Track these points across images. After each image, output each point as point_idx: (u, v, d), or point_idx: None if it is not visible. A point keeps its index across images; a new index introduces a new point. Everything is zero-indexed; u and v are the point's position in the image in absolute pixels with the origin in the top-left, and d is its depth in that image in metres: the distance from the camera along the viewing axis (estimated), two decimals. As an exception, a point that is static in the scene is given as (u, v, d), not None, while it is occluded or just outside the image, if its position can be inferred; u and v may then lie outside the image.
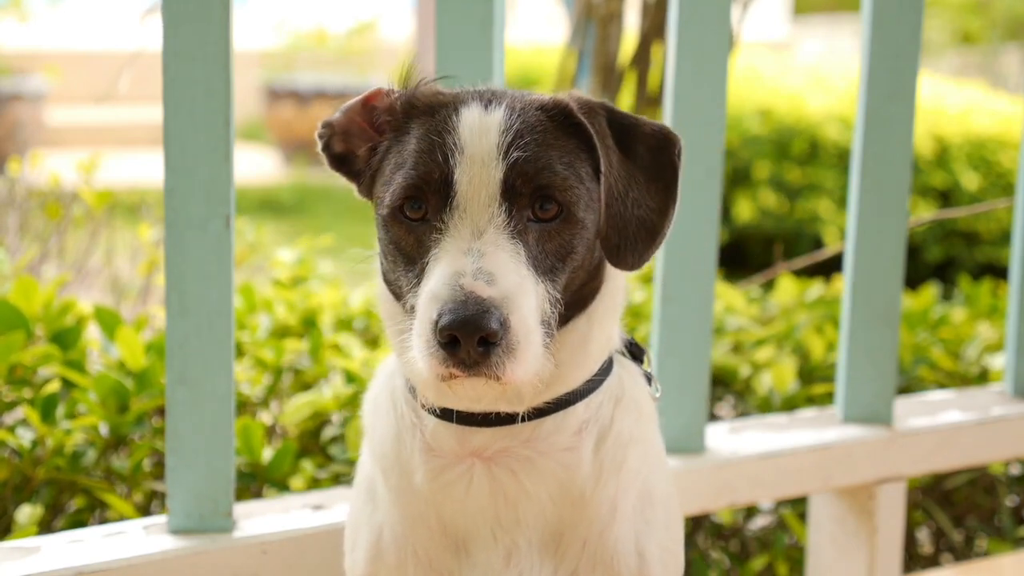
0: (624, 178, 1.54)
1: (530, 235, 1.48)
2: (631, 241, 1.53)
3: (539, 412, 1.56)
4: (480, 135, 1.50)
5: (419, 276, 1.48)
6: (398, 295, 1.56)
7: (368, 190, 1.64)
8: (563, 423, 1.58)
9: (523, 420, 1.55)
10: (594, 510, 1.59)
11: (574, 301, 1.55)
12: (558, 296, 1.49)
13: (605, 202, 1.52)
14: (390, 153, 1.58)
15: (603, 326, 1.60)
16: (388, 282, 1.59)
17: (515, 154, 1.48)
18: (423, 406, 1.59)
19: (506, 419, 1.55)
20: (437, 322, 1.38)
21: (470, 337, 1.37)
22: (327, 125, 1.68)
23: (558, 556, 1.59)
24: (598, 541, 1.60)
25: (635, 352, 1.73)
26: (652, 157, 1.57)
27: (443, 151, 1.50)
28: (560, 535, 1.60)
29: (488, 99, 1.55)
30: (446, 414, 1.57)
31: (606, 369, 1.64)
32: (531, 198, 1.49)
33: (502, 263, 1.43)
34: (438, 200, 1.49)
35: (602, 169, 1.52)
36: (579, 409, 1.59)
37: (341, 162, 1.68)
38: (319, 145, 1.69)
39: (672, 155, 1.57)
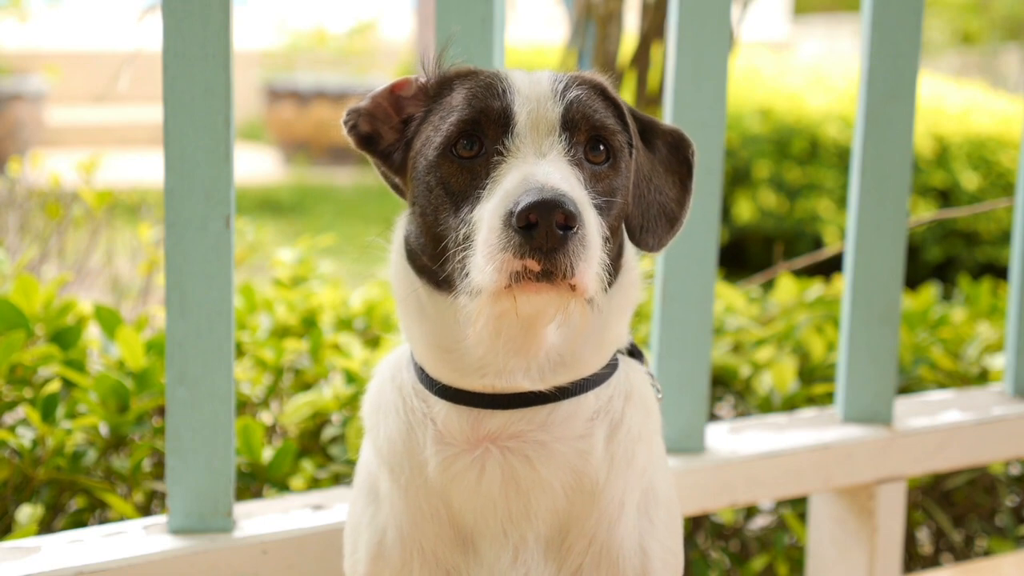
0: (647, 165, 1.62)
1: (586, 170, 1.52)
2: (653, 223, 1.60)
3: (554, 398, 1.57)
4: (533, 83, 1.56)
5: (474, 204, 1.48)
6: (437, 245, 1.53)
7: (402, 159, 1.65)
8: (577, 410, 1.59)
9: (543, 400, 1.56)
10: (604, 504, 1.59)
11: (606, 274, 1.55)
12: (608, 234, 1.51)
13: (633, 182, 1.59)
14: (429, 116, 1.60)
15: (619, 317, 1.62)
16: (424, 238, 1.56)
17: (572, 94, 1.54)
18: (434, 389, 1.59)
19: (523, 402, 1.56)
20: (513, 211, 1.38)
21: (551, 215, 1.36)
22: (354, 111, 1.69)
23: (562, 553, 1.60)
24: (605, 538, 1.60)
25: (634, 354, 1.74)
26: (669, 152, 1.65)
27: (498, 90, 1.54)
28: (567, 531, 1.60)
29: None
30: (460, 397, 1.57)
31: (613, 365, 1.65)
32: (588, 135, 1.54)
33: (569, 177, 1.46)
34: (497, 130, 1.52)
35: (633, 146, 1.59)
36: (590, 399, 1.60)
37: (368, 142, 1.70)
38: (344, 129, 1.69)
39: (687, 154, 1.66)
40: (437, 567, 1.60)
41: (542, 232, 1.36)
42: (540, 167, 1.45)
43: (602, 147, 1.55)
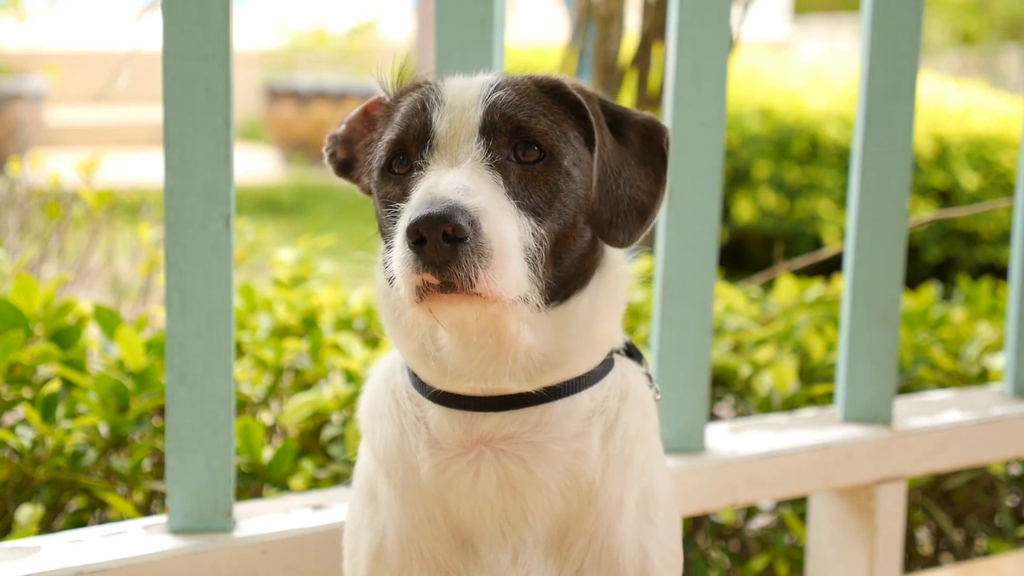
0: (616, 159, 1.59)
1: (511, 172, 1.51)
2: (622, 219, 1.57)
3: (546, 398, 1.57)
4: (462, 90, 1.57)
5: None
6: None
7: (368, 180, 1.68)
8: (572, 409, 1.58)
9: (532, 401, 1.56)
10: (602, 503, 1.59)
11: (573, 274, 1.56)
12: (543, 233, 1.49)
13: (598, 177, 1.56)
14: (382, 136, 1.63)
15: (607, 314, 1.61)
16: (386, 260, 1.59)
17: (496, 96, 1.54)
18: (426, 393, 1.59)
19: (515, 403, 1.56)
20: (408, 228, 1.40)
21: (435, 230, 1.37)
22: (332, 137, 1.75)
23: (562, 554, 1.59)
24: (604, 538, 1.60)
25: (633, 354, 1.73)
26: (642, 143, 1.63)
27: (424, 105, 1.56)
28: (566, 531, 1.59)
29: (477, 75, 1.63)
30: (451, 400, 1.57)
31: (608, 364, 1.64)
32: (511, 137, 1.52)
33: (478, 183, 1.46)
34: (418, 146, 1.54)
35: (596, 142, 1.56)
36: (585, 399, 1.60)
37: (345, 168, 1.76)
38: (325, 157, 1.75)
39: (661, 143, 1.63)
40: (437, 570, 1.60)
41: (430, 247, 1.37)
42: (445, 177, 1.45)
43: (535, 147, 1.53)
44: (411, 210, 1.41)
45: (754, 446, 2.41)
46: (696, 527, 2.80)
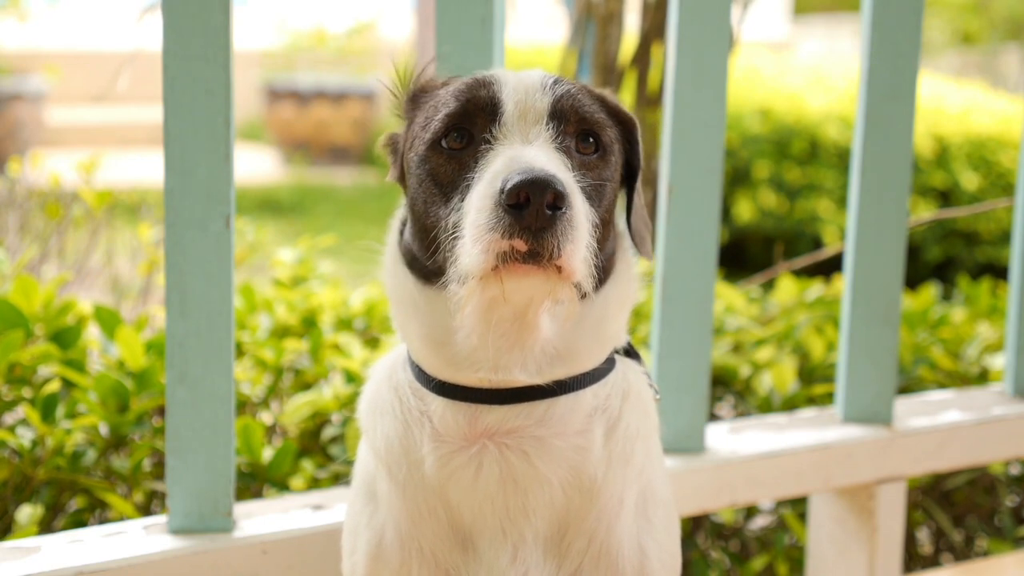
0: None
1: (573, 159, 1.53)
2: (649, 232, 1.71)
3: (551, 393, 1.57)
4: (521, 78, 1.58)
5: (464, 193, 1.49)
6: (427, 236, 1.55)
7: (399, 167, 1.68)
8: (575, 405, 1.59)
9: (539, 395, 1.56)
10: (604, 502, 1.59)
11: (599, 271, 1.56)
12: (596, 221, 1.51)
13: (638, 196, 1.65)
14: (415, 121, 1.63)
15: (617, 314, 1.63)
16: (416, 232, 1.59)
17: (561, 88, 1.56)
18: (430, 385, 1.60)
19: (521, 397, 1.56)
20: (503, 189, 1.38)
21: (542, 194, 1.36)
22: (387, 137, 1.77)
23: (562, 551, 1.59)
24: (604, 537, 1.60)
25: (631, 354, 1.74)
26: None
27: (485, 82, 1.56)
28: (565, 529, 1.59)
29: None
30: (456, 392, 1.57)
31: (611, 362, 1.66)
32: (577, 126, 1.55)
33: (556, 161, 1.48)
34: (485, 120, 1.53)
35: (639, 159, 1.65)
36: (588, 396, 1.60)
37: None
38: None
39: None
40: (436, 567, 1.60)
41: (532, 211, 1.36)
42: (528, 151, 1.46)
43: (591, 139, 1.56)
44: (501, 175, 1.40)
45: (754, 446, 2.41)
46: (696, 527, 2.81)
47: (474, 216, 1.41)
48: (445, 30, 2.11)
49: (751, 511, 2.87)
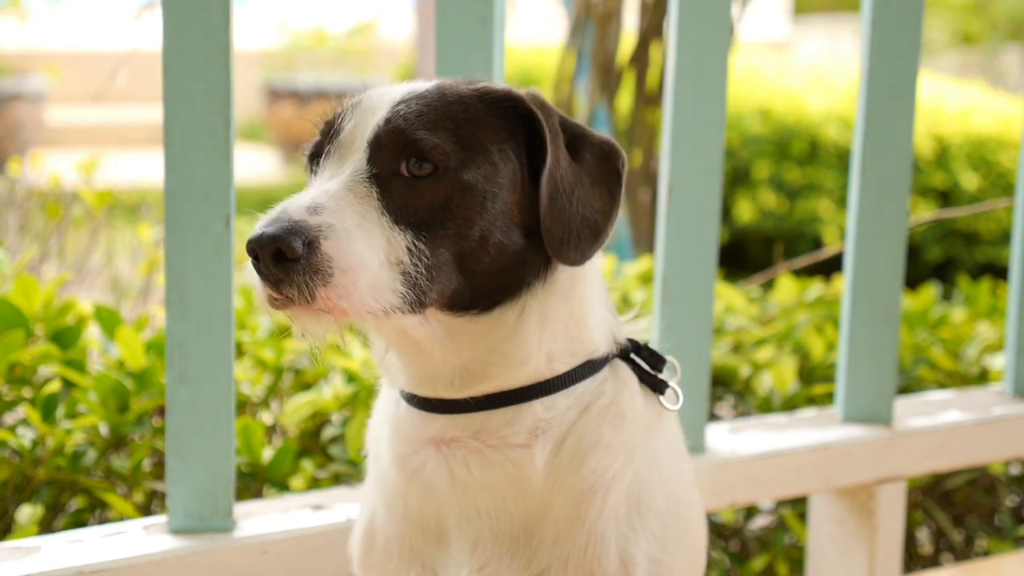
0: (571, 177, 1.57)
1: (395, 185, 1.49)
2: (575, 238, 1.55)
3: (488, 404, 1.57)
4: (382, 94, 1.57)
5: None
6: None
7: None
8: (515, 419, 1.57)
9: (470, 408, 1.57)
10: (556, 511, 1.58)
11: (494, 286, 1.53)
12: (423, 248, 1.47)
13: (548, 196, 1.53)
14: None
15: (544, 324, 1.57)
16: None
17: (398, 108, 1.52)
18: (401, 392, 1.63)
19: (455, 407, 1.57)
20: (246, 245, 1.41)
21: (264, 250, 1.38)
22: None
23: (531, 549, 1.59)
24: (571, 541, 1.58)
25: (651, 361, 1.69)
26: (598, 164, 1.61)
27: (349, 104, 1.58)
28: (531, 530, 1.59)
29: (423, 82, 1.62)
30: (412, 399, 1.61)
31: (582, 373, 1.61)
32: (399, 151, 1.50)
33: (339, 199, 1.46)
34: (325, 147, 1.56)
35: (548, 162, 1.54)
36: (536, 408, 1.58)
37: None
38: None
39: (616, 164, 1.62)
40: (413, 557, 1.64)
41: (263, 263, 1.40)
42: (315, 188, 1.48)
43: (427, 162, 1.50)
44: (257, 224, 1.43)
45: (754, 446, 2.41)
46: (696, 527, 2.80)
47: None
48: (445, 30, 2.11)
49: (751, 511, 2.87)
